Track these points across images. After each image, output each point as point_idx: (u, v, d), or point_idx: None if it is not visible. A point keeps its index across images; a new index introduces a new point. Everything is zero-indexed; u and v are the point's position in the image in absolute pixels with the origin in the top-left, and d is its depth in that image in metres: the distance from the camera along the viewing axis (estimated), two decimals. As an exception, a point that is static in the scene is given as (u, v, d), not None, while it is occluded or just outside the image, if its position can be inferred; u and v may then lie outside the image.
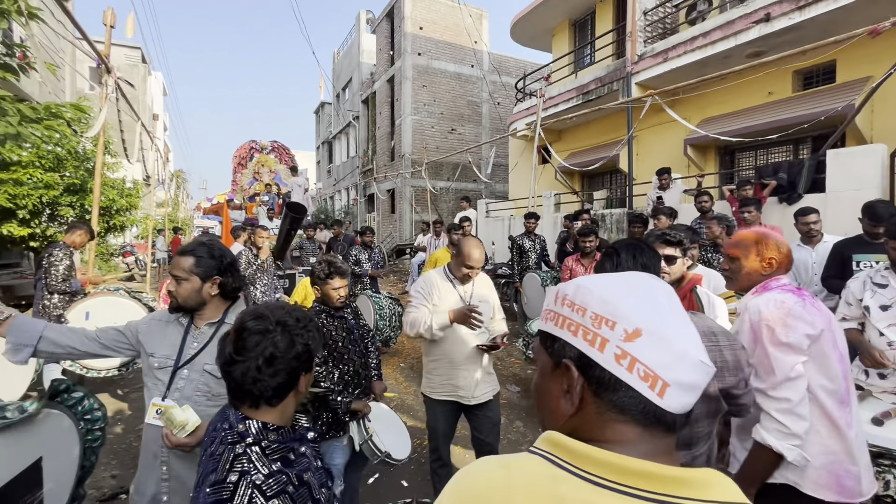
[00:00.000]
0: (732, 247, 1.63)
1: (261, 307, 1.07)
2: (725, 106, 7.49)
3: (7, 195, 5.27)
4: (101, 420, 1.69)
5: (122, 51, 20.60)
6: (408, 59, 16.49)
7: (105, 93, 4.67)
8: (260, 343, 0.99)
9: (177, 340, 1.54)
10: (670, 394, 0.53)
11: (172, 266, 1.55)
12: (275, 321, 1.02)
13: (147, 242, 11.74)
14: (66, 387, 1.65)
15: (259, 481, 0.89)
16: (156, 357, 1.53)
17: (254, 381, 0.98)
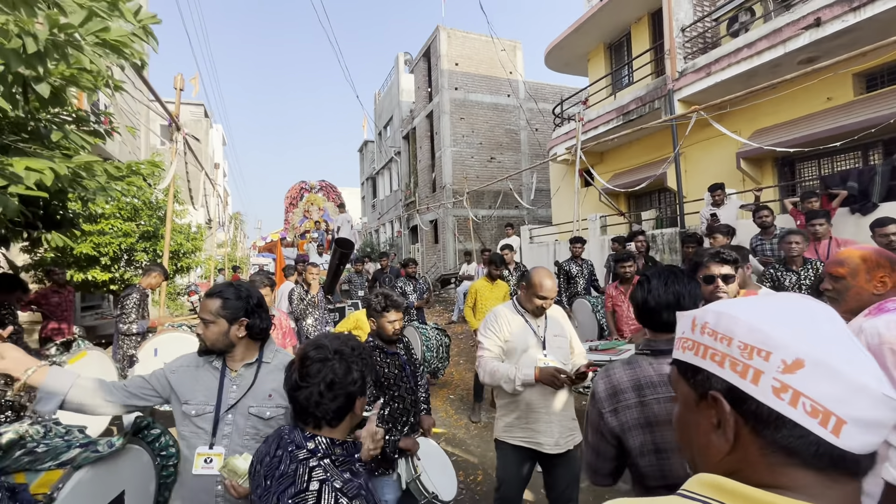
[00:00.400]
0: (836, 265, 1.52)
1: (320, 338, 1.19)
2: (779, 115, 7.12)
3: (93, 244, 5.87)
4: (174, 457, 1.74)
5: (188, 108, 22.78)
6: (445, 94, 17.06)
7: (175, 148, 5.18)
8: (321, 370, 1.11)
9: (213, 385, 1.51)
10: (848, 432, 0.46)
11: (200, 309, 1.53)
12: (333, 350, 1.14)
13: (209, 281, 12.55)
14: (147, 423, 1.75)
15: (339, 485, 1.00)
16: (192, 404, 1.49)
17: (316, 405, 1.10)
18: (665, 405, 1.21)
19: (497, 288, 4.84)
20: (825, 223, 4.20)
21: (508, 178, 11.58)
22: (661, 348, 1.28)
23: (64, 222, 2.84)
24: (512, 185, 13.06)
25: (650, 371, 1.25)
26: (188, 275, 9.75)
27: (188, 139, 5.81)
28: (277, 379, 1.51)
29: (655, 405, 1.21)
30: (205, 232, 8.61)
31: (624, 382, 1.26)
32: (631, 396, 1.23)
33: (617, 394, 1.25)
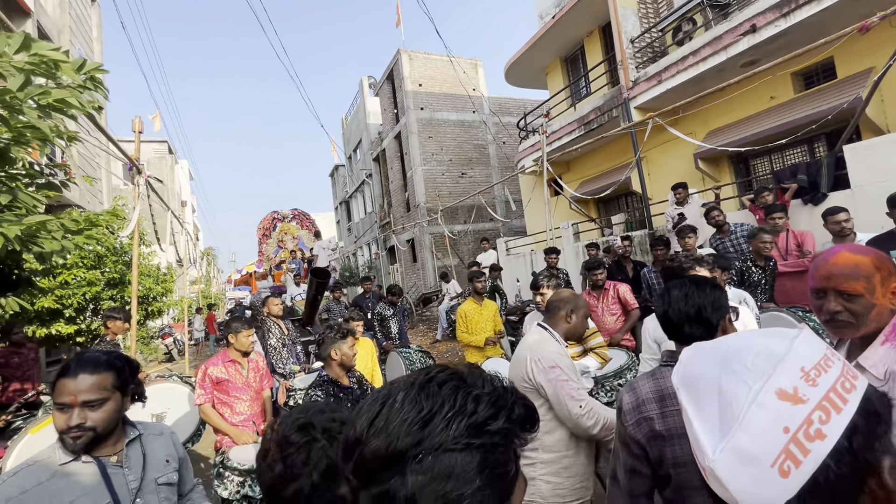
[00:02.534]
0: (849, 280, 1.12)
1: (299, 416, 0.97)
2: (729, 116, 7.49)
3: (54, 297, 5.64)
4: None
5: (151, 146, 22.34)
6: (411, 114, 17.27)
7: (137, 192, 5.06)
8: (310, 457, 0.90)
9: (93, 484, 1.20)
10: (708, 478, 0.49)
11: (76, 393, 1.16)
12: (320, 429, 0.93)
13: (183, 322, 12.16)
14: None
15: None
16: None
17: (308, 500, 0.88)
18: None
19: (486, 309, 4.64)
20: (783, 216, 4.40)
21: (480, 192, 11.72)
22: None
23: (20, 282, 2.73)
24: (485, 199, 13.24)
25: None
26: (160, 318, 9.44)
27: (152, 181, 5.70)
28: (161, 441, 1.41)
29: (676, 416, 1.15)
30: (175, 272, 8.39)
31: (647, 394, 1.22)
32: (653, 408, 1.19)
33: (640, 406, 1.21)
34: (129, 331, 4.72)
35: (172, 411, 4.06)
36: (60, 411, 1.17)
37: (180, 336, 13.34)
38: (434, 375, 0.49)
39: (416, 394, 0.46)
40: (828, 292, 1.16)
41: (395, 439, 0.43)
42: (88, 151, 9.45)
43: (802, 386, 0.47)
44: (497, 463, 0.44)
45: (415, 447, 0.43)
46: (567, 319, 1.97)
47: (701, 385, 0.50)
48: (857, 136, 6.04)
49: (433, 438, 0.43)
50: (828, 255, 1.19)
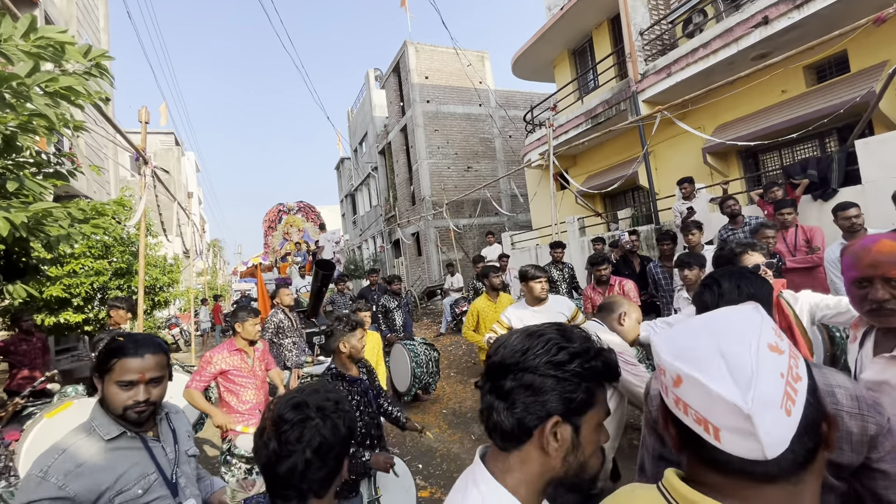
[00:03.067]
0: None
1: (294, 395, 1.00)
2: (739, 110, 7.39)
3: (63, 286, 5.68)
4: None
5: (158, 137, 22.42)
6: (417, 107, 17.20)
7: (143, 182, 5.08)
8: (304, 434, 0.93)
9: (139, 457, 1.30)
10: (726, 438, 0.53)
11: (143, 371, 1.27)
12: (314, 407, 0.96)
13: (190, 313, 12.27)
14: None
15: None
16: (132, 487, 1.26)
17: (302, 476, 0.92)
18: None
19: (500, 306, 4.46)
20: (793, 212, 4.35)
21: (486, 186, 11.68)
22: None
23: (28, 270, 2.75)
24: (490, 193, 13.18)
25: None
26: (167, 308, 9.52)
27: (157, 172, 5.72)
28: (181, 418, 1.52)
29: None
30: (181, 263, 8.44)
31: None
32: None
33: None
34: (134, 320, 4.77)
35: (174, 400, 4.11)
36: (124, 388, 1.26)
37: (186, 326, 13.47)
38: (542, 328, 0.73)
39: (525, 336, 0.72)
40: (874, 280, 1.14)
41: (505, 357, 0.71)
42: (95, 142, 9.50)
43: (778, 340, 0.58)
44: (566, 391, 0.68)
45: (514, 365, 0.70)
46: (620, 321, 2.07)
47: (700, 353, 0.57)
48: (870, 130, 5.94)
49: (526, 363, 0.69)
50: (868, 244, 1.16)
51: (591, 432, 0.70)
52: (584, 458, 0.70)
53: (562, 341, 0.70)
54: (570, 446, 0.68)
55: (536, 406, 0.67)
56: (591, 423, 0.70)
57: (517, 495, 0.68)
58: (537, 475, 0.69)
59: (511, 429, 0.68)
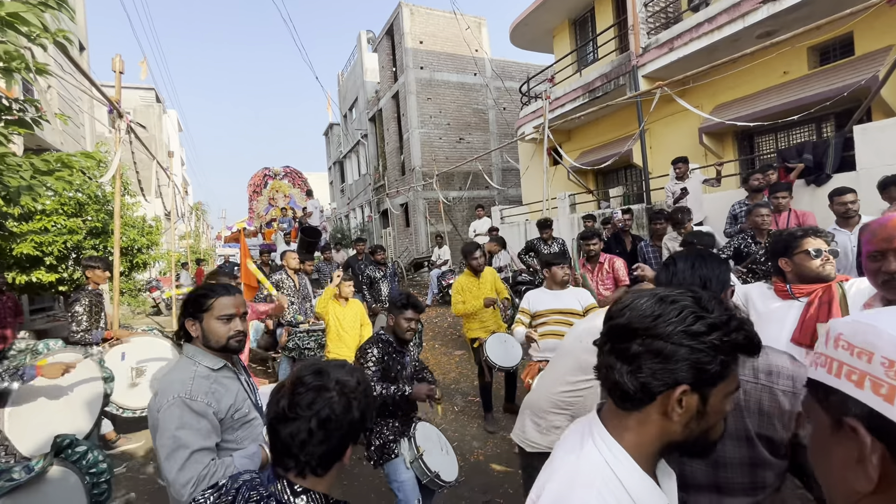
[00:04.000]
0: None
1: (321, 363, 0.98)
2: (739, 90, 7.26)
3: (33, 243, 5.43)
4: (106, 472, 1.71)
5: (137, 93, 21.37)
6: (410, 73, 16.64)
7: (118, 136, 4.79)
8: (315, 402, 0.90)
9: (237, 387, 1.50)
10: None
11: (237, 306, 1.49)
12: (334, 380, 0.93)
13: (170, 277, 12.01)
14: (70, 442, 1.68)
15: None
16: (242, 410, 1.48)
17: (301, 445, 0.89)
18: None
19: (484, 281, 4.36)
20: (787, 196, 4.31)
21: (478, 158, 11.46)
22: None
23: (-13, 223, 2.56)
24: (481, 166, 12.96)
25: None
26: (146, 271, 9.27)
27: (134, 127, 5.39)
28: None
29: None
30: (161, 225, 8.15)
31: None
32: None
33: None
34: (111, 281, 4.58)
35: (154, 365, 3.99)
36: (225, 322, 1.45)
37: (168, 290, 13.21)
38: (676, 295, 0.69)
39: (656, 301, 0.69)
40: (887, 254, 1.24)
41: (633, 321, 0.69)
42: (69, 93, 8.98)
43: None
44: (700, 361, 0.64)
45: (643, 330, 0.67)
46: None
47: None
48: (867, 117, 5.89)
49: (656, 329, 0.66)
50: (884, 221, 1.25)
51: (718, 402, 0.67)
52: (706, 426, 0.68)
53: (699, 310, 0.66)
54: (694, 414, 0.66)
55: (664, 373, 0.65)
56: (721, 394, 0.67)
57: (633, 454, 0.68)
58: (656, 437, 0.68)
59: (633, 392, 0.66)
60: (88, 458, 1.63)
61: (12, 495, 1.35)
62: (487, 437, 4.11)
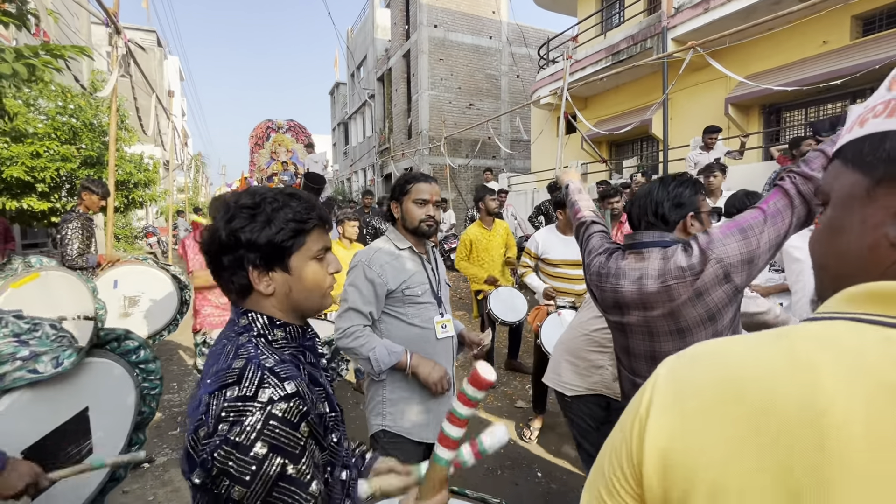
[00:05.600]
0: None
1: (268, 192, 0.85)
2: (772, 60, 6.90)
3: (25, 167, 5.18)
4: (156, 372, 1.67)
5: (138, 34, 20.56)
6: (424, 31, 15.97)
7: (116, 55, 4.47)
8: (229, 215, 0.81)
9: (418, 268, 1.64)
10: None
11: (432, 193, 1.62)
12: (262, 201, 0.81)
13: (167, 225, 11.80)
14: (118, 336, 1.60)
15: (269, 364, 0.74)
16: (413, 287, 1.60)
17: (234, 242, 0.81)
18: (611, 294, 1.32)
19: (495, 234, 4.08)
20: None
21: (488, 121, 11.10)
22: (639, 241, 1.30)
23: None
24: (491, 134, 12.58)
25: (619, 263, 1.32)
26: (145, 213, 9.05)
27: (134, 50, 5.05)
28: (439, 256, 1.81)
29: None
30: (159, 164, 7.87)
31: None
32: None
33: None
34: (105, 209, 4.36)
35: (147, 296, 3.81)
36: (420, 206, 1.60)
37: (165, 238, 13.02)
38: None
39: None
40: None
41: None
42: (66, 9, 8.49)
43: None
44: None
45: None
46: None
47: None
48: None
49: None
50: None
51: None
52: None
53: None
54: None
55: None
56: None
57: None
58: None
59: None
60: (139, 354, 1.59)
61: (32, 388, 1.27)
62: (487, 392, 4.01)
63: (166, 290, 3.93)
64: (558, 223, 3.20)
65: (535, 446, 3.07)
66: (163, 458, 3.04)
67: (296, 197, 0.83)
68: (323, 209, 0.85)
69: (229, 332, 0.84)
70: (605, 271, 1.29)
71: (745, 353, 0.40)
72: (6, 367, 1.26)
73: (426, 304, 1.62)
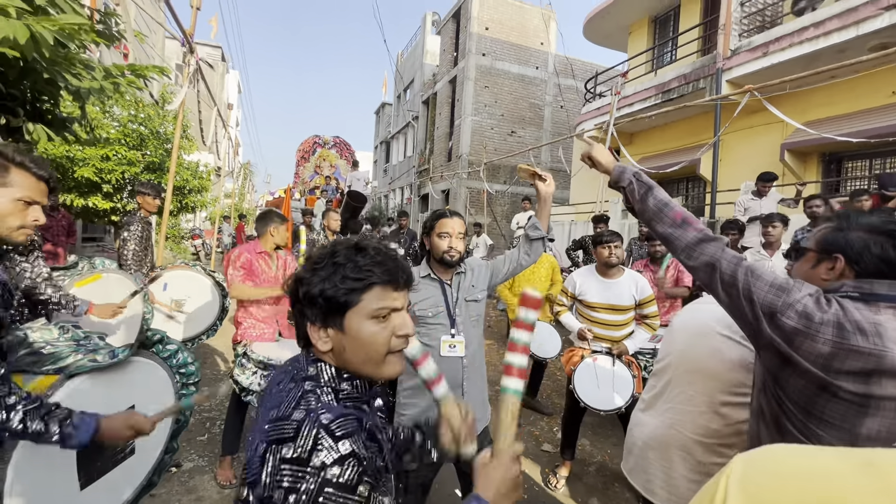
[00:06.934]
0: None
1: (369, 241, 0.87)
2: (834, 107, 6.62)
3: (94, 169, 5.57)
4: (195, 375, 1.71)
5: (205, 49, 22.06)
6: (471, 59, 16.35)
7: (187, 71, 4.79)
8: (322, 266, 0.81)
9: (436, 292, 1.82)
10: None
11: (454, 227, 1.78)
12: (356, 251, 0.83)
13: (214, 228, 12.33)
14: (161, 338, 1.67)
15: (326, 420, 0.72)
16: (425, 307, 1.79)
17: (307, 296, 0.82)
18: None
19: (539, 265, 3.97)
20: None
21: (529, 150, 11.11)
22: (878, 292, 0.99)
23: (55, 123, 2.52)
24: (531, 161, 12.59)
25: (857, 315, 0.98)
26: (194, 216, 9.51)
27: (202, 67, 5.41)
28: (474, 275, 1.91)
29: None
30: (212, 171, 8.29)
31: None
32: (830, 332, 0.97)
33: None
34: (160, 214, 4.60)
35: (192, 300, 3.95)
36: (443, 239, 1.78)
37: (209, 241, 13.59)
38: None
39: None
40: None
41: None
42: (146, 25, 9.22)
43: None
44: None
45: None
46: None
47: None
48: None
49: None
50: None
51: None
52: None
53: None
54: None
55: None
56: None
57: None
58: None
59: None
60: (178, 357, 1.64)
61: (91, 376, 1.36)
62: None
63: (210, 295, 4.08)
64: (597, 265, 3.07)
65: (560, 495, 2.93)
66: (189, 463, 3.07)
67: (364, 251, 0.81)
68: (396, 264, 0.83)
69: (296, 373, 0.83)
70: (839, 322, 0.97)
71: (831, 481, 0.38)
72: (70, 358, 1.38)
73: (437, 325, 1.80)
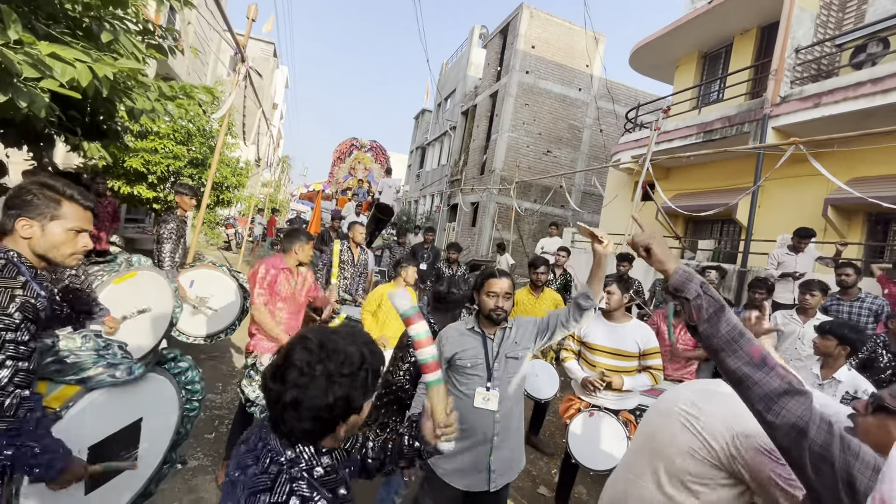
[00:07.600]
0: None
1: (324, 336, 0.90)
2: (885, 167, 6.31)
3: (142, 160, 5.90)
4: (199, 392, 1.80)
5: (259, 44, 22.95)
6: (515, 75, 16.39)
7: (237, 79, 5.03)
8: (290, 379, 0.86)
9: (477, 344, 1.94)
10: None
11: (502, 287, 1.92)
12: (319, 360, 0.86)
13: (247, 218, 12.76)
14: (175, 356, 1.77)
15: None
16: (465, 358, 1.92)
17: (280, 418, 0.88)
18: None
19: (541, 302, 4.09)
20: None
21: (563, 175, 11.03)
22: None
23: (110, 133, 2.71)
24: (563, 183, 12.50)
25: None
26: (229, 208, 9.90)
27: (251, 74, 5.66)
28: (518, 333, 1.99)
29: None
30: (252, 169, 8.62)
31: None
32: None
33: None
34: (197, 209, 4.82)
35: (216, 299, 4.13)
36: (490, 298, 1.92)
37: (241, 230, 14.09)
38: None
39: None
40: None
41: None
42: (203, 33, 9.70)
43: None
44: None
45: None
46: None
47: None
48: None
49: None
50: None
51: None
52: None
53: None
54: None
55: None
56: None
57: None
58: None
59: None
60: (188, 375, 1.71)
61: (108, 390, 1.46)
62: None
63: (233, 296, 4.26)
64: (602, 310, 3.00)
65: (551, 545, 2.90)
66: (194, 461, 3.17)
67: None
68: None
69: (275, 455, 0.88)
70: None
71: None
72: (91, 370, 1.48)
73: (474, 376, 1.91)
